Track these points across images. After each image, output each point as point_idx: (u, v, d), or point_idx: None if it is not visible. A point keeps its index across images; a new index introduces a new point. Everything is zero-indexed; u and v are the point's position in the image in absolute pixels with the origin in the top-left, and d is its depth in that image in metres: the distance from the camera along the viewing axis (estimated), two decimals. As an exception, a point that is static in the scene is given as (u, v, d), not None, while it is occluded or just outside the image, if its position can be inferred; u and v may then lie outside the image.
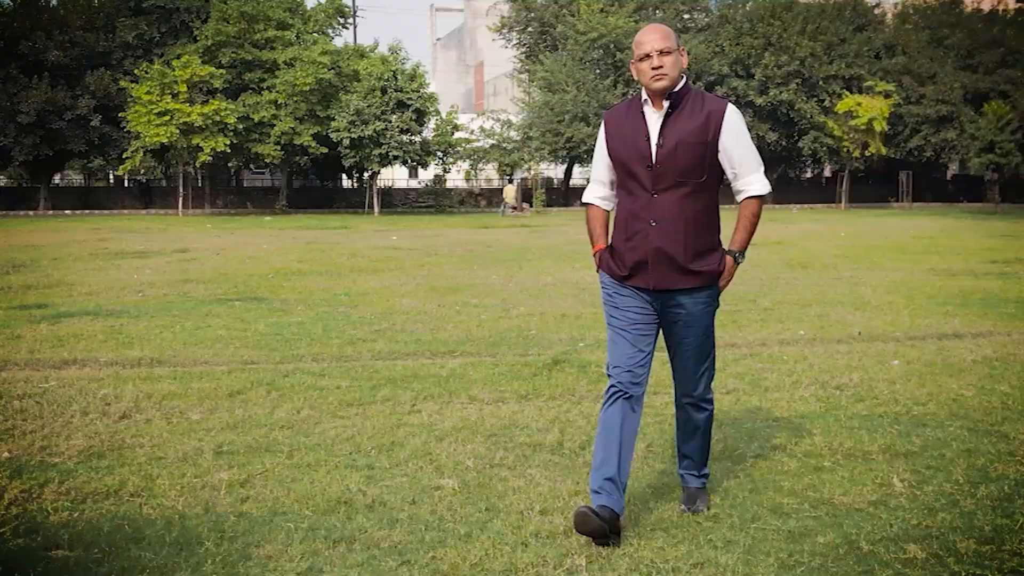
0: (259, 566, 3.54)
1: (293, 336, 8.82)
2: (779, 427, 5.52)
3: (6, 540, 3.78)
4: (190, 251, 19.50)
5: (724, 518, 4.05)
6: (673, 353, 4.16)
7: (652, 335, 4.05)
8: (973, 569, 3.50)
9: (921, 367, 7.20)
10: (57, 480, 4.51)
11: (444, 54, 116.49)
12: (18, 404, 6.05)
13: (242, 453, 4.99)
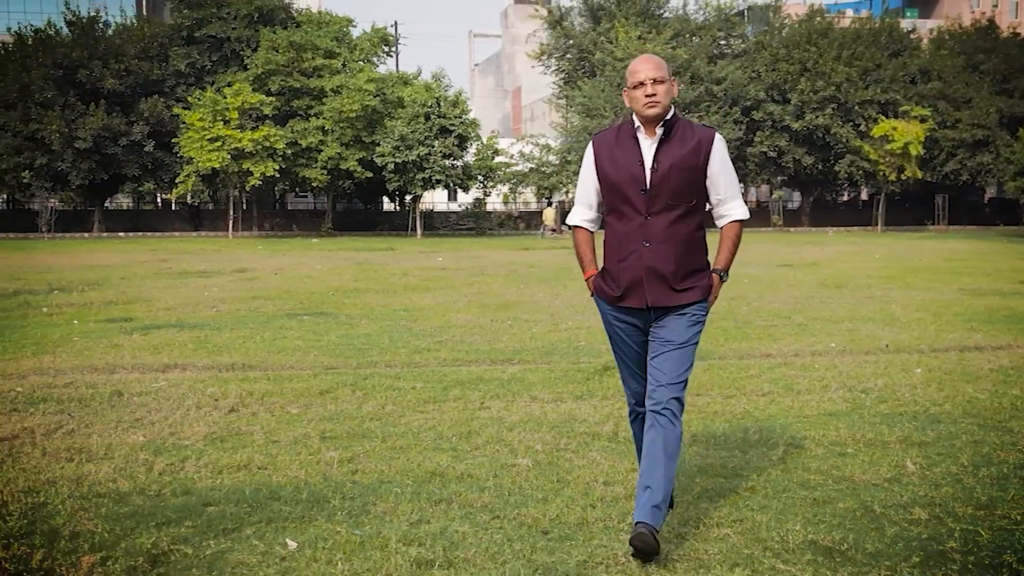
0: (378, 518, 4.34)
1: (363, 346, 9.66)
2: (809, 422, 6.23)
3: (166, 498, 4.62)
4: (249, 271, 20.49)
5: (759, 489, 4.79)
6: (653, 364, 4.15)
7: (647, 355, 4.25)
8: (967, 526, 4.23)
9: (941, 375, 7.88)
10: (193, 457, 5.36)
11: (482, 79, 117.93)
12: (138, 400, 6.93)
13: (343, 438, 5.82)
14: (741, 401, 6.90)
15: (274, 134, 37.20)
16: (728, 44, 49.19)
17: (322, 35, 40.07)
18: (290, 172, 39.49)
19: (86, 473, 5.02)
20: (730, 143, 45.23)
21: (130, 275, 19.35)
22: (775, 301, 13.74)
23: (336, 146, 38.67)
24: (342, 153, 38.85)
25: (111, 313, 12.59)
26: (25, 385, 7.46)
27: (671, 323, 4.13)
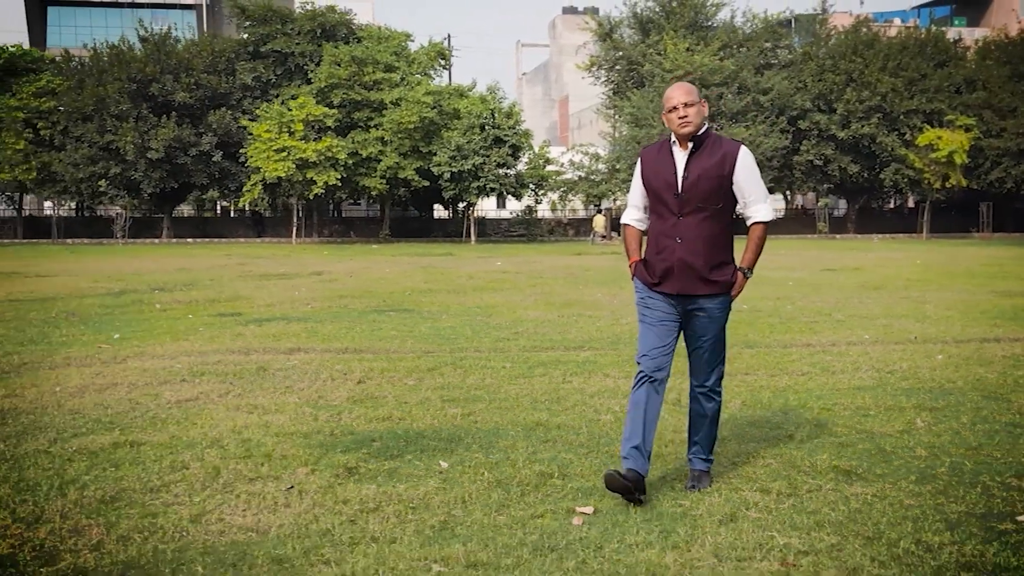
0: (503, 450, 5.70)
1: (451, 336, 11.05)
2: (840, 394, 7.50)
3: (338, 436, 6.02)
4: (325, 274, 22.04)
5: (796, 436, 6.08)
6: (691, 350, 4.97)
7: (675, 332, 4.89)
8: (956, 460, 5.49)
9: (959, 360, 9.10)
10: (345, 412, 6.77)
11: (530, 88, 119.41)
12: (281, 373, 8.38)
13: (459, 400, 7.20)
14: (783, 378, 8.18)
15: (336, 145, 38.91)
16: (775, 55, 50.18)
17: (382, 50, 41.78)
18: (351, 181, 41.17)
19: (269, 421, 6.46)
20: (776, 152, 46.22)
21: (217, 277, 20.98)
22: (817, 301, 14.95)
23: (395, 156, 40.30)
24: (400, 163, 40.47)
25: (219, 309, 14.14)
26: (182, 363, 8.96)
27: (703, 315, 4.85)
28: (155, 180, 41.81)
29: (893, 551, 4.01)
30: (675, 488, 4.97)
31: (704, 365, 4.95)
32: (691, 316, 4.86)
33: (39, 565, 3.86)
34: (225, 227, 49.54)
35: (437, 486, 4.96)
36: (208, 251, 35.14)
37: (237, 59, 43.53)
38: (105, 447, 5.75)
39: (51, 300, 15.58)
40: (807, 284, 18.25)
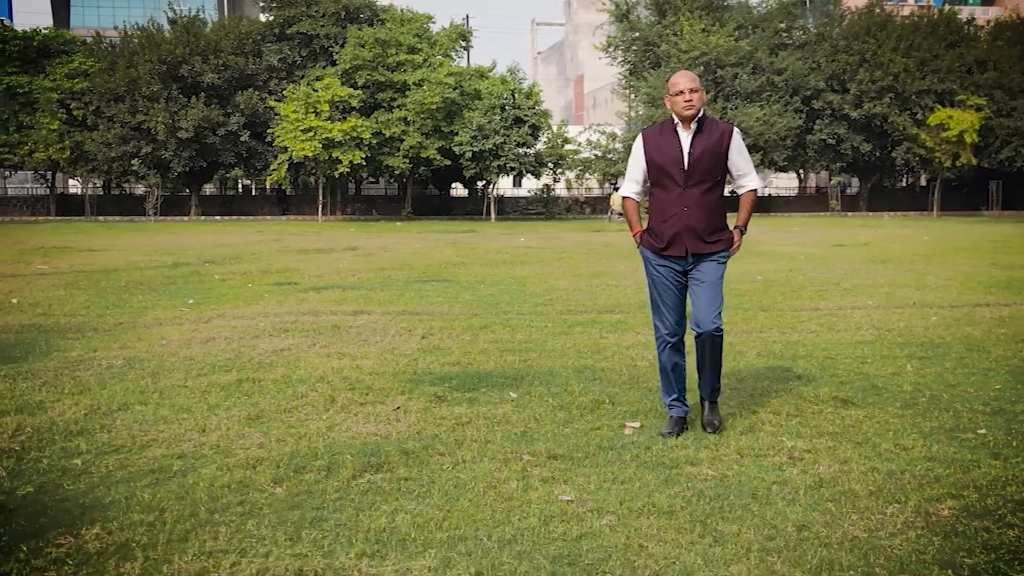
0: (560, 385, 6.88)
1: (492, 301, 12.23)
2: (842, 347, 8.65)
3: (420, 375, 7.21)
4: (359, 248, 23.24)
5: (803, 376, 7.23)
6: (695, 298, 5.57)
7: (683, 298, 5.61)
8: (936, 392, 6.64)
9: (950, 320, 10.24)
10: (419, 358, 7.96)
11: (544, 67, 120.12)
12: (353, 330, 9.58)
13: (514, 351, 8.38)
14: (794, 335, 9.34)
15: (361, 125, 40.06)
16: (789, 35, 50.98)
17: (405, 32, 42.82)
18: (374, 160, 42.33)
19: (359, 364, 7.67)
20: (790, 131, 47.13)
21: (259, 252, 22.20)
22: (827, 272, 16.07)
23: (417, 136, 41.42)
24: (423, 142, 41.59)
25: (274, 279, 15.36)
26: (263, 322, 10.18)
27: (703, 267, 5.50)
28: (184, 159, 43.07)
29: (876, 450, 5.19)
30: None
31: (706, 307, 5.49)
32: (694, 271, 5.53)
33: (222, 457, 5.07)
34: (250, 205, 50.82)
35: (512, 409, 6.15)
36: (239, 228, 36.41)
37: (263, 41, 44.64)
38: (231, 382, 6.97)
39: (113, 272, 16.81)
40: (818, 258, 19.36)
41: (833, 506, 4.29)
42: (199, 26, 44.33)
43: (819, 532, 3.97)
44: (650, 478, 4.70)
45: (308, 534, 3.93)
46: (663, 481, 4.65)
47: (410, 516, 4.15)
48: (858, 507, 4.27)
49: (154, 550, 3.76)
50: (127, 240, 27.65)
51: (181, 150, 42.77)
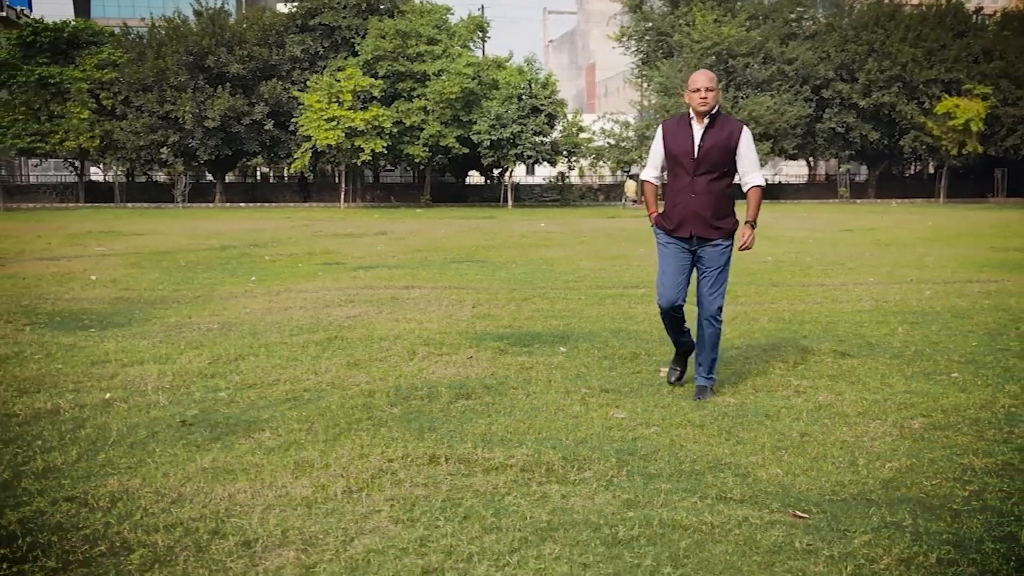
0: (601, 342, 8.10)
1: (526, 280, 13.45)
2: (843, 315, 9.86)
3: (482, 337, 8.45)
4: (389, 233, 24.49)
5: (808, 335, 8.45)
6: (699, 281, 6.08)
7: (687, 273, 6.09)
8: (920, 348, 7.85)
9: (942, 294, 11.43)
10: (477, 321, 9.20)
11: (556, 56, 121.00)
12: (411, 301, 10.83)
13: (556, 317, 9.62)
14: (801, 305, 10.55)
15: (382, 114, 41.27)
16: (799, 26, 51.96)
17: (424, 23, 43.97)
18: (395, 148, 43.55)
19: (425, 326, 8.91)
20: (800, 120, 48.19)
21: (295, 236, 23.47)
22: (833, 255, 17.26)
23: (436, 125, 42.63)
24: (441, 131, 42.80)
25: (321, 259, 16.62)
26: (327, 295, 11.44)
27: (708, 256, 5.97)
28: (210, 147, 44.37)
29: (865, 386, 6.41)
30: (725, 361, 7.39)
31: (707, 292, 6.04)
32: (700, 255, 6.03)
33: (340, 390, 6.32)
34: (271, 192, 52.14)
35: (564, 359, 7.39)
36: (267, 214, 37.71)
37: (286, 32, 45.85)
38: (323, 339, 8.22)
39: (168, 253, 18.09)
40: (825, 242, 20.54)
41: (828, 422, 5.52)
42: (224, 18, 45.55)
43: (817, 437, 5.20)
44: (684, 404, 5.94)
45: (429, 436, 5.19)
46: (695, 406, 5.89)
47: (502, 426, 5.39)
48: (848, 422, 5.50)
49: (318, 445, 5.02)
50: (165, 225, 28.95)
51: (207, 139, 44.07)
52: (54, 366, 7.22)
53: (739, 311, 9.95)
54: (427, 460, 4.74)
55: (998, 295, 11.31)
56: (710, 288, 6.04)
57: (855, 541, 3.71)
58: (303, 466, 4.66)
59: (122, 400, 6.11)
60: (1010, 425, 5.41)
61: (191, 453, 4.92)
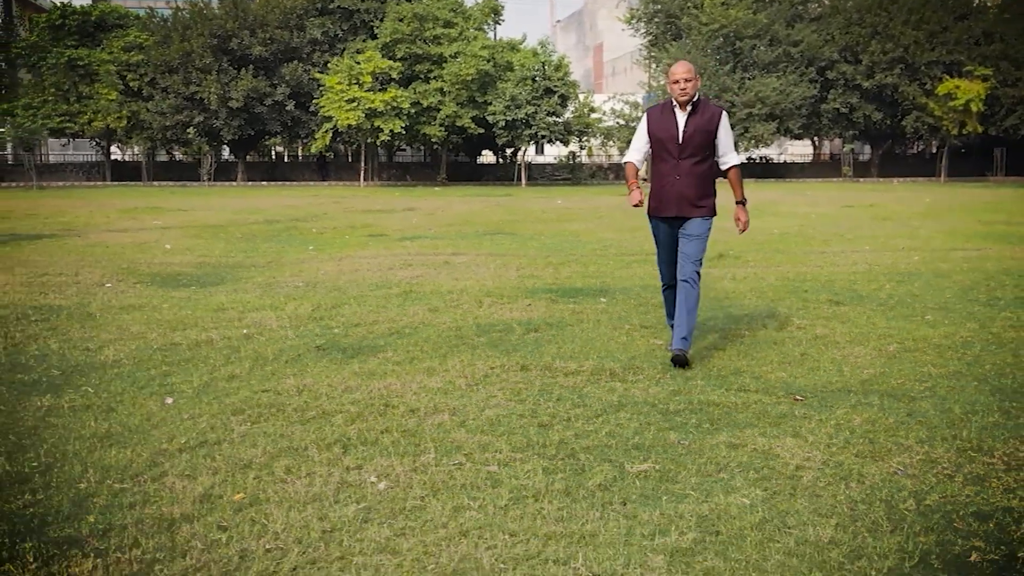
0: (635, 295, 9.65)
1: (557, 248, 14.97)
2: (839, 274, 11.38)
3: (536, 291, 10.00)
4: (417, 209, 26.02)
5: (808, 289, 9.98)
6: (681, 251, 6.46)
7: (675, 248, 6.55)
8: (902, 298, 9.40)
9: (929, 259, 12.95)
10: (525, 281, 10.75)
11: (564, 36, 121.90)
12: (463, 265, 12.37)
13: (592, 277, 11.17)
14: (803, 268, 12.07)
15: (400, 95, 42.72)
16: (805, 8, 53.19)
17: (441, 7, 45.35)
18: (412, 129, 45.02)
19: (482, 284, 10.47)
20: (805, 101, 49.55)
21: (329, 212, 25.00)
22: (834, 228, 18.77)
23: (453, 105, 44.07)
24: (457, 112, 44.24)
25: (364, 232, 18.16)
26: (385, 261, 12.99)
27: (691, 224, 6.40)
28: (234, 128, 45.86)
29: (853, 324, 7.95)
30: (739, 306, 8.93)
31: (686, 258, 6.41)
32: (683, 231, 6.46)
33: (432, 327, 7.87)
34: (290, 171, 53.68)
35: (606, 306, 8.95)
36: (292, 192, 39.27)
37: (306, 15, 47.21)
38: (399, 293, 9.79)
39: (220, 227, 19.62)
40: (827, 217, 22.04)
41: (823, 346, 7.07)
42: (246, 1, 46.91)
43: (813, 355, 6.75)
44: (711, 337, 7.49)
45: (515, 354, 6.75)
46: (721, 336, 7.44)
47: (569, 349, 6.96)
48: (838, 347, 7.05)
49: (434, 359, 6.58)
50: (201, 202, 30.49)
51: (231, 119, 45.54)
52: (184, 312, 8.78)
53: (749, 272, 11.51)
54: (519, 368, 6.31)
55: (977, 260, 12.83)
56: (688, 252, 6.41)
57: (837, 412, 5.28)
58: (429, 371, 6.24)
59: (259, 334, 7.67)
60: (964, 349, 6.96)
61: (338, 365, 6.49)
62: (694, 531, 3.60)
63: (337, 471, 4.29)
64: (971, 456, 4.48)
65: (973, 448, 4.59)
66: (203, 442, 4.76)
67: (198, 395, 5.70)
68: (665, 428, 4.97)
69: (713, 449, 4.59)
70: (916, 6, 48.95)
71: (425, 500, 3.94)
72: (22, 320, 8.25)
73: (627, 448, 4.62)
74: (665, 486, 4.09)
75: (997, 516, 3.76)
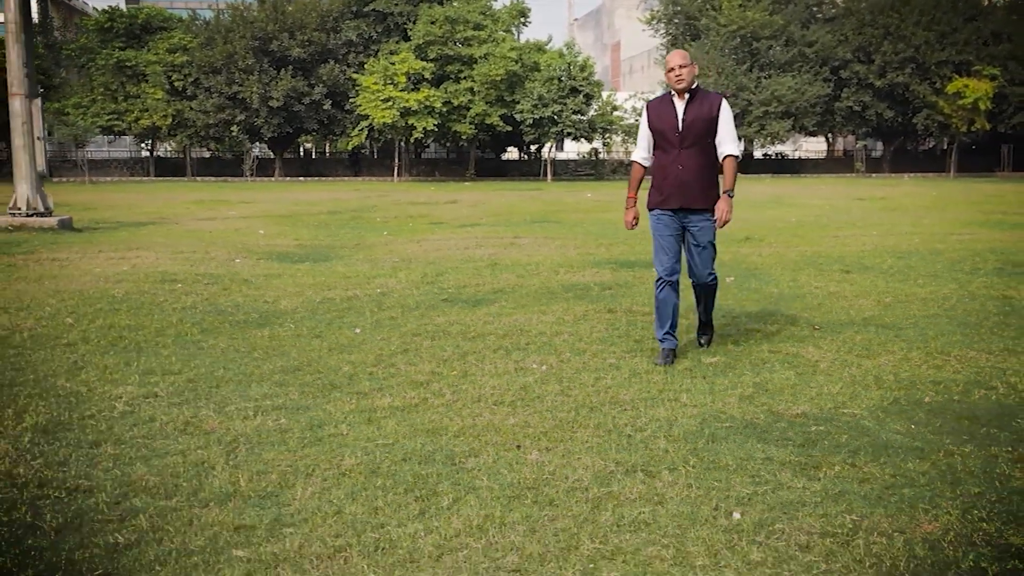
0: (679, 267, 11.76)
1: (601, 234, 17.06)
2: (848, 251, 13.44)
3: (594, 262, 12.12)
4: (459, 202, 28.16)
5: (821, 263, 12.05)
6: (691, 258, 6.45)
7: (679, 243, 6.45)
8: (901, 267, 11.49)
9: (928, 240, 15.01)
10: (585, 256, 12.86)
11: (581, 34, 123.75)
12: (526, 247, 14.49)
13: (641, 253, 13.25)
14: (818, 247, 14.15)
15: (433, 95, 44.91)
16: (820, 10, 55.17)
17: (471, 10, 47.52)
18: (444, 126, 47.22)
19: (551, 258, 12.59)
20: (819, 99, 51.51)
21: (380, 204, 27.16)
22: (846, 216, 20.83)
23: (482, 104, 46.24)
24: (487, 110, 46.40)
25: (424, 221, 20.31)
26: (460, 242, 15.12)
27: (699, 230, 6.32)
28: (274, 125, 48.14)
29: (860, 285, 10.04)
30: (766, 269, 11.02)
31: (699, 264, 6.48)
32: (688, 226, 6.39)
33: (526, 288, 10.00)
34: (324, 167, 55.99)
35: (659, 274, 11.05)
36: (332, 186, 41.50)
37: (342, 18, 49.45)
38: (485, 266, 11.92)
39: (290, 216, 21.79)
40: (840, 208, 24.09)
41: (834, 301, 9.15)
42: (285, 4, 49.17)
43: (825, 306, 8.82)
44: (748, 293, 9.59)
45: (599, 303, 8.87)
46: (755, 293, 9.54)
47: (639, 300, 9.05)
48: (846, 300, 9.13)
49: (538, 306, 8.70)
50: (257, 195, 32.71)
51: (271, 117, 47.83)
52: (320, 279, 10.92)
53: (772, 251, 13.61)
54: (607, 311, 8.45)
55: (969, 242, 14.89)
56: (701, 262, 6.49)
57: (843, 334, 7.36)
58: (541, 312, 8.38)
59: (391, 292, 9.81)
60: (944, 300, 9.04)
61: (468, 310, 8.63)
62: (751, 388, 5.72)
63: (510, 362, 6.44)
64: (935, 356, 6.58)
65: (937, 351, 6.70)
66: (405, 350, 6.91)
67: (375, 328, 7.82)
68: (723, 341, 7.09)
69: (758, 353, 6.71)
70: (927, 8, 50.88)
71: (577, 374, 6.08)
72: (197, 283, 10.42)
73: (700, 352, 6.75)
74: (729, 369, 6.22)
75: (947, 381, 5.86)
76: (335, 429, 4.93)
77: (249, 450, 4.61)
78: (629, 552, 3.41)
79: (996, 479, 4.17)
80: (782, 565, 3.32)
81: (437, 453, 4.54)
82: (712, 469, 4.30)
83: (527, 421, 5.07)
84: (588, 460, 4.42)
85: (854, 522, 3.68)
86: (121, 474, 4.26)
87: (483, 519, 3.71)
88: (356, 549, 3.45)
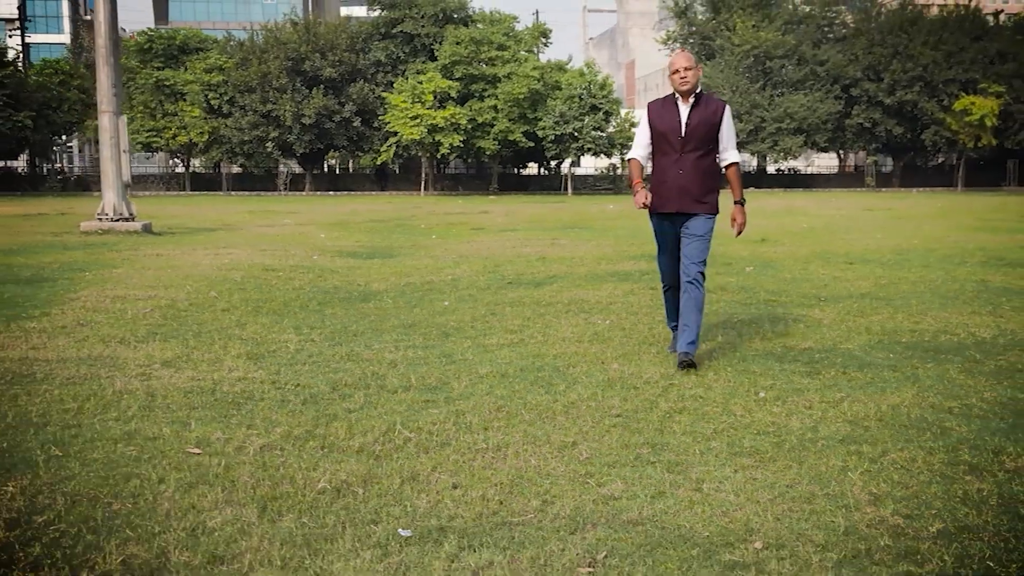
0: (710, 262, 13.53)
1: (631, 237, 18.79)
2: (854, 249, 15.14)
3: (629, 257, 13.89)
4: (490, 213, 29.98)
5: (830, 257, 13.80)
6: (683, 248, 6.28)
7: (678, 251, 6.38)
8: (900, 259, 13.21)
9: (928, 242, 16.72)
10: (621, 252, 14.64)
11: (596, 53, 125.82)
12: (566, 246, 16.27)
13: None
14: (827, 246, 15.86)
15: (458, 112, 46.86)
16: (831, 30, 57.00)
17: (495, 31, 49.54)
18: (469, 143, 49.17)
19: (591, 254, 14.36)
20: (830, 116, 53.26)
21: (416, 214, 28.99)
22: (854, 223, 22.55)
23: (505, 121, 48.17)
24: (510, 127, 48.32)
25: (466, 227, 22.09)
26: (503, 243, 16.90)
27: (693, 223, 6.22)
28: (305, 142, 50.17)
29: (861, 271, 11.77)
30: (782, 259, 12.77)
31: (689, 259, 6.23)
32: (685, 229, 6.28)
33: (576, 276, 11.78)
34: (352, 182, 57.98)
35: (688, 265, 12.82)
36: (364, 199, 43.43)
37: (371, 39, 51.54)
38: (536, 259, 13.69)
39: (340, 224, 23.61)
40: (850, 217, 25.82)
41: (839, 284, 10.88)
42: (316, 26, 51.31)
43: (831, 285, 10.55)
44: (766, 275, 11.34)
45: (641, 282, 10.63)
46: (772, 276, 11.29)
47: (674, 283, 10.82)
48: (848, 281, 10.87)
49: (590, 288, 10.47)
50: (299, 207, 34.60)
51: (303, 134, 49.86)
52: (394, 270, 12.70)
53: (786, 249, 15.36)
54: (649, 289, 10.22)
55: (963, 242, 16.61)
56: (691, 253, 6.23)
57: (843, 304, 9.10)
58: (594, 289, 10.16)
59: (460, 279, 11.59)
60: (931, 283, 10.76)
61: (533, 289, 10.41)
62: (770, 334, 7.47)
63: (580, 318, 8.22)
64: (916, 316, 8.32)
65: (918, 313, 8.45)
66: (492, 313, 8.68)
67: (460, 302, 9.59)
68: (746, 306, 8.85)
69: (775, 313, 8.47)
70: (934, 28, 52.67)
71: (635, 326, 7.86)
72: (295, 272, 12.22)
73: (729, 310, 8.52)
74: (752, 323, 7.97)
75: (921, 330, 7.59)
76: (462, 356, 6.70)
77: (405, 367, 6.37)
78: (691, 409, 5.18)
79: (945, 379, 5.91)
80: (792, 416, 5.08)
81: (545, 366, 6.32)
82: (743, 373, 6.07)
83: (604, 350, 6.85)
84: (653, 369, 6.20)
85: (841, 396, 5.44)
86: (325, 378, 6.04)
87: (590, 394, 5.49)
88: (508, 409, 5.22)
